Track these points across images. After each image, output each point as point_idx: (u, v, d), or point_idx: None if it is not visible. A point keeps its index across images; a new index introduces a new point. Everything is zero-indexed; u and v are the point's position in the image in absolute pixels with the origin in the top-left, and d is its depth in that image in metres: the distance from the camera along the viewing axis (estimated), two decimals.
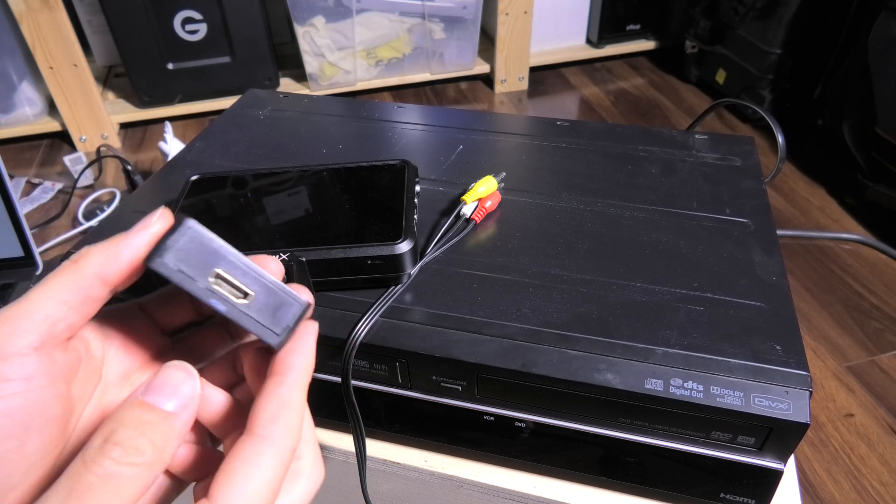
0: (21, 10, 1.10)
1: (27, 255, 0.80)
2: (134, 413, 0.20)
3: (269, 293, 0.23)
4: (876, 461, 0.68)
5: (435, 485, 0.46)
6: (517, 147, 0.58)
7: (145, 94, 1.27)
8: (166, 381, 0.21)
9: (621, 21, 1.48)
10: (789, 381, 0.35)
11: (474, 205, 0.48)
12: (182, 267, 0.22)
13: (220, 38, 1.23)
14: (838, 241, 0.97)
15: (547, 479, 0.44)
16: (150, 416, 0.20)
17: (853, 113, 1.02)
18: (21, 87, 1.23)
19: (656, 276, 0.43)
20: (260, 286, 0.23)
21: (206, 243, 0.22)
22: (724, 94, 1.33)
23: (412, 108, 0.65)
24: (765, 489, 0.38)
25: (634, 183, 0.52)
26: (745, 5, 1.20)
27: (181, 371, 0.22)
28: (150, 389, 0.21)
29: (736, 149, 0.57)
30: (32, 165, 1.23)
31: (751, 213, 0.49)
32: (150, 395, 0.21)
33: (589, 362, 0.37)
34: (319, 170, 0.50)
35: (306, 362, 0.23)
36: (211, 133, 0.61)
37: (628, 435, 0.39)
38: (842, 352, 0.80)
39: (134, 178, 1.02)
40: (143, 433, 0.20)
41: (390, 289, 0.42)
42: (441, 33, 1.35)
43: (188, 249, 0.22)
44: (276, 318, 0.23)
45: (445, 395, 0.41)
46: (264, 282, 0.23)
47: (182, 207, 0.47)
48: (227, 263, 0.23)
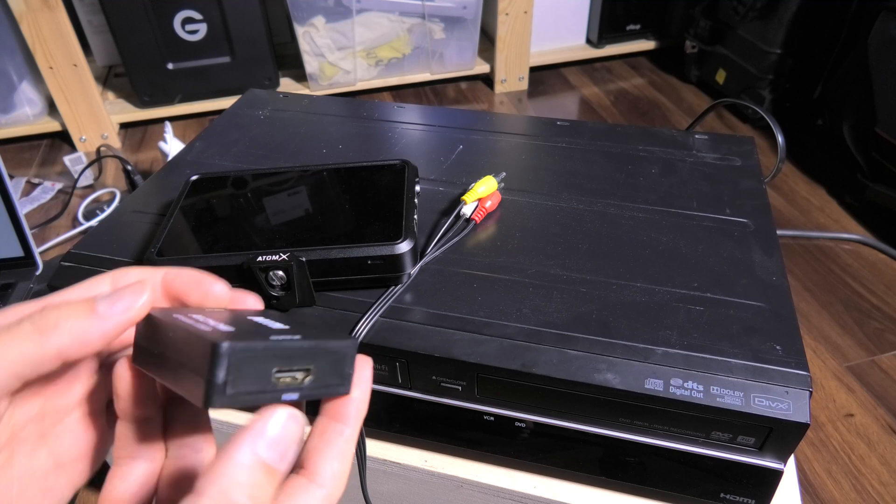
0: (21, 10, 1.10)
1: (27, 255, 0.80)
2: (255, 476, 0.18)
3: (325, 357, 0.22)
4: (876, 461, 0.68)
5: (435, 485, 0.46)
6: (517, 147, 0.58)
7: (145, 94, 1.27)
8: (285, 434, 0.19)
9: (621, 21, 1.48)
10: (789, 381, 0.35)
11: (474, 205, 0.48)
12: (240, 390, 0.19)
13: (220, 38, 1.23)
14: (838, 241, 0.97)
15: (547, 479, 0.44)
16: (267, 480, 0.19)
17: (853, 113, 1.02)
18: (21, 87, 1.23)
19: (656, 276, 0.43)
20: (313, 356, 0.21)
21: (252, 355, 0.20)
22: (724, 94, 1.33)
23: (412, 108, 0.65)
24: (765, 489, 0.38)
25: (634, 183, 0.52)
26: (745, 5, 1.20)
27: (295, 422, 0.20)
28: (273, 445, 0.19)
29: (736, 149, 0.57)
30: (32, 165, 1.23)
31: (751, 213, 0.49)
32: (272, 450, 0.19)
33: (589, 362, 0.37)
34: (319, 170, 0.50)
35: (365, 409, 0.23)
36: (211, 133, 0.61)
37: (628, 435, 0.39)
38: (842, 352, 0.80)
39: (134, 178, 1.02)
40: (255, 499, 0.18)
41: (390, 289, 0.42)
42: (441, 33, 1.35)
43: (239, 371, 0.19)
44: (338, 372, 0.22)
45: (445, 395, 0.41)
46: (315, 350, 0.21)
47: (182, 207, 0.47)
48: (279, 360, 0.20)
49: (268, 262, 0.40)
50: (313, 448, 0.22)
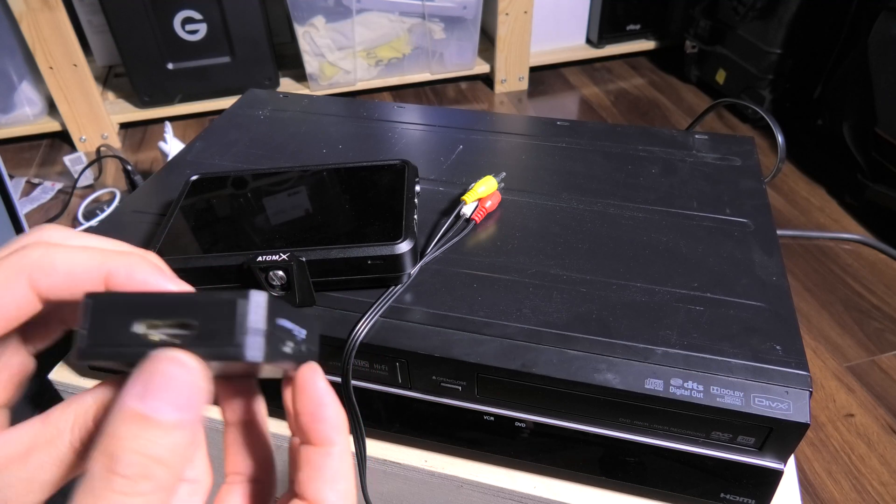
0: (21, 10, 1.10)
1: None
2: (130, 430, 0.17)
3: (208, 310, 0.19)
4: (876, 461, 0.68)
5: (435, 485, 0.46)
6: (517, 147, 0.58)
7: (145, 94, 1.27)
8: (163, 380, 0.18)
9: (621, 21, 1.48)
10: (789, 381, 0.35)
11: (474, 205, 0.48)
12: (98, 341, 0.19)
13: (220, 38, 1.23)
14: (838, 241, 0.97)
15: (547, 479, 0.44)
16: (151, 434, 0.17)
17: (853, 113, 1.02)
18: (21, 87, 1.23)
19: (656, 276, 0.43)
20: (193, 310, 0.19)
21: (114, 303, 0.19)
22: (724, 94, 1.33)
23: (412, 108, 0.65)
24: (765, 489, 0.38)
25: (634, 183, 0.52)
26: (745, 5, 1.20)
27: (177, 365, 0.18)
28: (146, 394, 0.17)
29: (736, 149, 0.57)
30: (32, 165, 1.23)
31: (751, 213, 0.49)
32: (145, 401, 0.17)
33: (589, 362, 0.37)
34: (319, 170, 0.50)
35: (340, 421, 0.21)
36: (211, 133, 0.61)
37: (628, 435, 0.39)
38: (842, 352, 0.80)
39: (134, 178, 1.02)
40: (148, 455, 0.17)
41: (390, 289, 0.42)
42: (441, 33, 1.35)
43: (102, 322, 0.19)
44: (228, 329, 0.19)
45: (445, 395, 0.41)
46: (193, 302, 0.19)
47: (182, 207, 0.47)
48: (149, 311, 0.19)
49: (268, 262, 0.40)
50: (307, 480, 0.20)
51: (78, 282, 0.20)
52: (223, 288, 0.41)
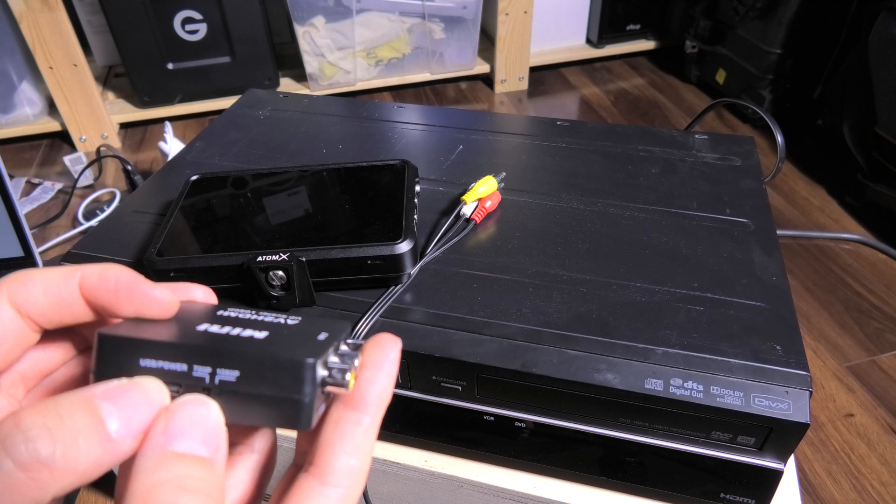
0: (21, 10, 1.10)
1: (27, 255, 0.80)
2: (172, 470, 0.17)
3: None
4: (876, 461, 0.68)
5: (435, 485, 0.46)
6: (517, 147, 0.58)
7: (145, 94, 1.27)
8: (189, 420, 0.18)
9: (621, 21, 1.48)
10: (789, 381, 0.35)
11: (474, 205, 0.48)
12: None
13: (220, 38, 1.23)
14: (838, 241, 0.97)
15: (547, 479, 0.44)
16: (193, 471, 0.18)
17: (853, 113, 1.02)
18: (21, 87, 1.23)
19: (656, 276, 0.43)
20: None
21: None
22: (724, 94, 1.33)
23: (412, 108, 0.65)
24: (765, 489, 0.38)
25: (634, 183, 0.52)
26: (745, 5, 1.20)
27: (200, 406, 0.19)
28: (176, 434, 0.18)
29: (736, 149, 0.57)
30: (32, 165, 1.23)
31: (751, 213, 0.49)
32: (177, 441, 0.18)
33: (589, 362, 0.37)
34: (319, 170, 0.50)
35: (388, 396, 0.21)
36: (211, 133, 0.61)
37: (628, 435, 0.39)
38: (842, 352, 0.80)
39: (134, 178, 1.02)
40: (189, 492, 0.17)
41: (390, 289, 0.42)
42: (441, 33, 1.35)
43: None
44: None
45: (445, 395, 0.41)
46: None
47: (182, 207, 0.47)
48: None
49: (268, 262, 0.40)
50: (326, 441, 0.20)
51: (54, 292, 0.21)
52: (223, 288, 0.41)
